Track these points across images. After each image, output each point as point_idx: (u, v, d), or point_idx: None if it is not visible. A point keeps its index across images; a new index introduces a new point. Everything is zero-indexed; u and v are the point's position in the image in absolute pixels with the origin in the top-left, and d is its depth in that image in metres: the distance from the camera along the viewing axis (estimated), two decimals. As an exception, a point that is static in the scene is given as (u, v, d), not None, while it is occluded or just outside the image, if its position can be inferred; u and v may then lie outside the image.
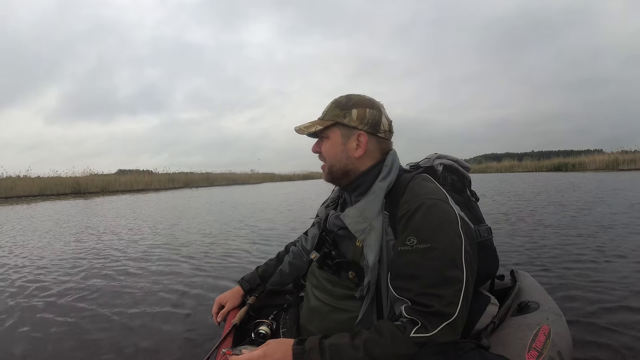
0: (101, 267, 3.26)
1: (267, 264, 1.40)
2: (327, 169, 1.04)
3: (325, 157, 1.03)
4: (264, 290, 1.37)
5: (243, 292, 1.34)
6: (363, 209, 0.94)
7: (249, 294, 1.35)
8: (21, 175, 20.29)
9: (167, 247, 4.10)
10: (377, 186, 0.96)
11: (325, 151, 1.03)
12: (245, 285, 1.35)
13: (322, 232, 1.12)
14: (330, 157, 1.02)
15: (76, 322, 2.01)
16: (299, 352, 0.77)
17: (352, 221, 0.95)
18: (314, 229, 1.26)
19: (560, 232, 3.84)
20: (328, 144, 1.02)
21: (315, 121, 1.03)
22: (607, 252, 2.91)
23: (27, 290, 2.62)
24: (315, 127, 1.01)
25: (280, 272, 1.36)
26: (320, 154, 1.05)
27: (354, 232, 0.93)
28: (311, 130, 1.01)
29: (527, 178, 16.76)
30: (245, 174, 36.40)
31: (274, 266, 1.38)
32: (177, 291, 2.47)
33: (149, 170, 29.43)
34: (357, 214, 0.94)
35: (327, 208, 1.18)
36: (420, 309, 0.76)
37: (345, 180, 1.03)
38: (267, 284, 1.37)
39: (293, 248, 1.39)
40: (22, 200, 15.01)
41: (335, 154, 1.01)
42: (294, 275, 1.37)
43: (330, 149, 1.02)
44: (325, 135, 1.02)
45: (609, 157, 23.63)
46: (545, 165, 28.23)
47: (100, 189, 20.59)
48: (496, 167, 32.33)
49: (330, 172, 1.03)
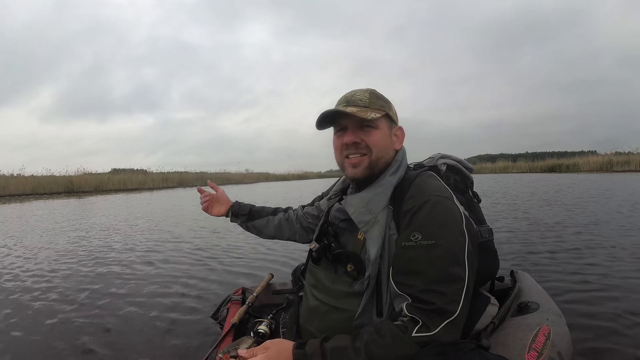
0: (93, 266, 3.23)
1: (262, 208, 1.42)
2: (367, 162, 0.95)
3: (371, 148, 0.94)
4: (246, 223, 1.40)
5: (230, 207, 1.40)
6: (369, 200, 0.93)
7: (233, 216, 1.40)
8: (15, 174, 20.16)
9: (164, 246, 4.07)
10: (387, 180, 0.94)
11: (374, 142, 0.94)
12: (235, 205, 1.40)
13: (323, 224, 1.11)
14: (380, 148, 0.95)
15: (75, 322, 1.99)
16: (300, 356, 0.76)
17: (355, 210, 0.93)
18: (312, 208, 1.28)
19: (560, 232, 3.86)
20: (379, 135, 0.95)
21: (363, 107, 0.94)
22: (607, 253, 2.92)
23: (24, 289, 2.59)
24: (369, 114, 0.92)
25: (267, 222, 1.38)
26: (360, 144, 0.95)
27: (357, 222, 0.92)
28: (364, 115, 0.91)
29: (522, 179, 16.86)
30: (240, 174, 36.40)
31: (267, 213, 1.40)
32: (177, 291, 2.46)
33: (143, 169, 29.40)
34: (361, 204, 0.93)
35: (329, 200, 1.17)
36: (422, 307, 0.76)
37: (377, 175, 0.97)
38: (250, 222, 1.39)
39: (291, 212, 1.39)
40: (15, 199, 14.86)
41: (385, 145, 0.96)
42: (276, 234, 1.38)
43: (381, 140, 0.95)
44: (375, 125, 0.94)
45: (603, 159, 23.81)
46: (540, 167, 28.43)
47: (94, 188, 20.47)
48: (491, 168, 32.53)
49: (372, 165, 0.95)
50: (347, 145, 0.95)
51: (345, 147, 0.96)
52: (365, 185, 0.98)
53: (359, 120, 0.93)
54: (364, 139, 0.94)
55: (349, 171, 0.97)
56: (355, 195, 0.97)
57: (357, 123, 0.94)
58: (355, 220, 0.93)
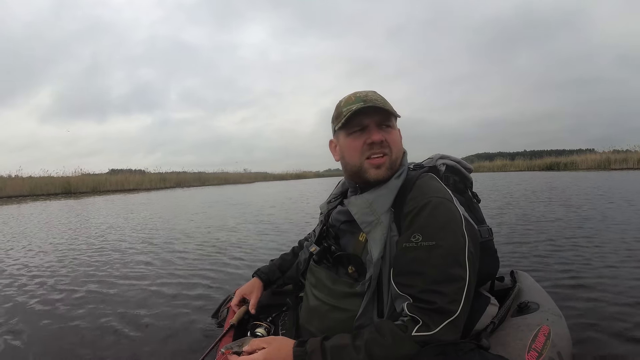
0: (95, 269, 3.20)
1: (283, 258, 1.37)
2: (389, 163, 0.94)
3: (392, 147, 0.94)
4: (283, 283, 1.34)
5: (262, 283, 1.30)
6: (372, 201, 0.93)
7: (268, 286, 1.32)
8: (12, 175, 20.14)
9: (165, 247, 4.05)
10: (392, 182, 0.94)
11: (394, 141, 0.95)
12: (263, 277, 1.31)
13: (324, 226, 1.11)
14: (398, 148, 0.96)
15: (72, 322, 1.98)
16: (300, 354, 0.76)
17: (359, 211, 0.93)
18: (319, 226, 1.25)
19: (560, 232, 3.85)
20: (396, 134, 0.96)
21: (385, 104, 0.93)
22: (607, 252, 2.91)
23: (25, 288, 2.58)
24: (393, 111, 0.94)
25: (296, 266, 1.33)
26: (384, 143, 0.93)
27: (360, 222, 0.92)
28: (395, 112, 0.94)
29: (520, 177, 16.88)
30: (238, 174, 36.37)
31: (290, 261, 1.35)
32: (176, 291, 2.44)
33: (140, 169, 29.31)
34: (365, 204, 0.93)
35: (329, 204, 1.17)
36: (423, 306, 0.76)
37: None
38: (285, 278, 1.34)
39: (306, 244, 1.36)
40: (12, 201, 14.81)
41: (401, 145, 0.98)
42: None
43: (398, 140, 0.97)
44: (392, 125, 0.95)
45: (601, 157, 23.87)
46: (538, 165, 28.52)
47: (91, 188, 20.41)
48: (489, 167, 32.57)
49: (393, 166, 0.95)
50: (372, 145, 0.92)
51: (368, 147, 0.93)
52: (368, 188, 0.97)
53: (381, 120, 0.92)
54: (387, 137, 0.93)
55: (371, 173, 0.94)
56: (359, 195, 0.97)
57: (378, 122, 0.92)
58: (358, 220, 0.93)
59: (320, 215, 1.21)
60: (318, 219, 1.27)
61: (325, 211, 1.15)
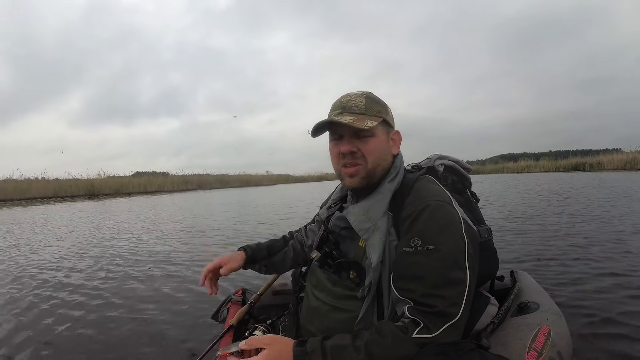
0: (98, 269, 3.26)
1: (273, 243, 1.30)
2: (364, 172, 0.93)
3: (367, 156, 0.92)
4: (265, 265, 1.25)
5: (245, 257, 1.20)
6: (368, 208, 0.93)
7: (250, 263, 1.22)
8: (38, 177, 20.86)
9: (164, 247, 4.14)
10: (386, 187, 0.94)
11: (370, 150, 0.92)
12: (248, 251, 1.21)
13: (324, 232, 1.10)
14: (376, 156, 0.93)
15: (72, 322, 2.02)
16: (300, 353, 0.75)
17: (356, 219, 0.93)
18: (315, 225, 1.25)
19: (560, 232, 3.79)
20: (375, 143, 0.92)
21: (359, 115, 0.91)
22: (607, 252, 2.86)
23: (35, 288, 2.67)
24: (366, 123, 0.89)
25: (284, 254, 1.29)
26: (356, 153, 0.92)
27: (358, 230, 0.92)
28: (361, 125, 0.88)
29: (541, 178, 16.44)
30: (260, 176, 36.46)
31: (279, 247, 1.29)
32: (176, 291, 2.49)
33: (164, 172, 29.68)
34: (361, 212, 0.93)
35: (328, 209, 1.16)
36: (423, 310, 0.76)
37: (376, 183, 0.95)
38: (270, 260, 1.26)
39: (297, 235, 1.33)
40: (37, 202, 15.29)
41: (382, 153, 0.94)
42: (294, 262, 1.29)
43: (377, 148, 0.93)
44: (372, 133, 0.92)
45: (627, 157, 23.02)
46: (563, 165, 27.69)
47: (114, 190, 20.95)
48: (513, 167, 31.80)
49: (369, 174, 0.93)
50: (344, 155, 0.93)
51: (341, 155, 0.93)
52: (364, 193, 0.97)
53: (356, 130, 0.90)
54: (361, 147, 0.91)
55: (346, 181, 0.95)
56: (357, 204, 0.97)
57: (354, 131, 0.91)
58: (355, 228, 0.92)
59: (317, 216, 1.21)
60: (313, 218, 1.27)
61: (325, 216, 1.14)
